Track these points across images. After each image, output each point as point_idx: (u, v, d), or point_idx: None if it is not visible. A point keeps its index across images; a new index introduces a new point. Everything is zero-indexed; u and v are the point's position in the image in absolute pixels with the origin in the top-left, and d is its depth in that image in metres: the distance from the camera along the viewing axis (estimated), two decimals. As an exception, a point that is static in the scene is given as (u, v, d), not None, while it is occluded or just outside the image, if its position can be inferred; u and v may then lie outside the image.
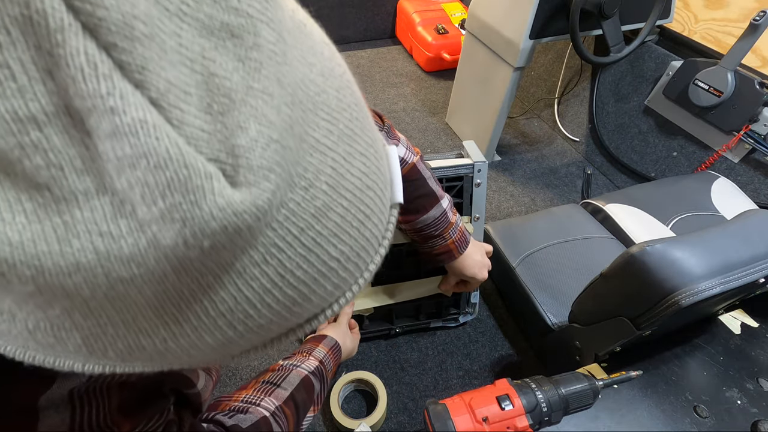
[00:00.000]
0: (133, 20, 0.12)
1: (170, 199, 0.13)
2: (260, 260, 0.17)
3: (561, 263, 1.01)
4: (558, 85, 1.78)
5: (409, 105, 1.90)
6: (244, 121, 0.15)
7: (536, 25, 1.24)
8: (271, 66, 0.16)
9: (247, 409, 0.48)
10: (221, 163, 0.14)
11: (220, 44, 0.14)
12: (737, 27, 1.27)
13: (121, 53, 0.12)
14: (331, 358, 0.70)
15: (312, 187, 0.18)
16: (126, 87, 0.12)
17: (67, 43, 0.12)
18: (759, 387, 0.68)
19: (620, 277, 0.67)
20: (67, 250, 0.14)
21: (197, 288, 0.16)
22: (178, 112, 0.13)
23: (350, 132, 0.20)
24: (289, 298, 0.19)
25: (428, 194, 0.72)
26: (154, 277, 0.15)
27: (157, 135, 0.13)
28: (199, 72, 0.14)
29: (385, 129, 0.67)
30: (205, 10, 0.14)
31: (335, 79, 0.20)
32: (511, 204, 1.52)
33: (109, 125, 0.12)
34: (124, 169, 0.13)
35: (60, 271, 0.14)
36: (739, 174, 1.27)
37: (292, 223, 0.17)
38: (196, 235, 0.14)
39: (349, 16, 2.20)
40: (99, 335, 0.17)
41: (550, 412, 0.51)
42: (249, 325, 0.19)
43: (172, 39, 0.13)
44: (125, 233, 0.14)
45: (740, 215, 0.72)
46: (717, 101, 1.21)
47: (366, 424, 0.88)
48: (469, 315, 1.12)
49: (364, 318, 1.03)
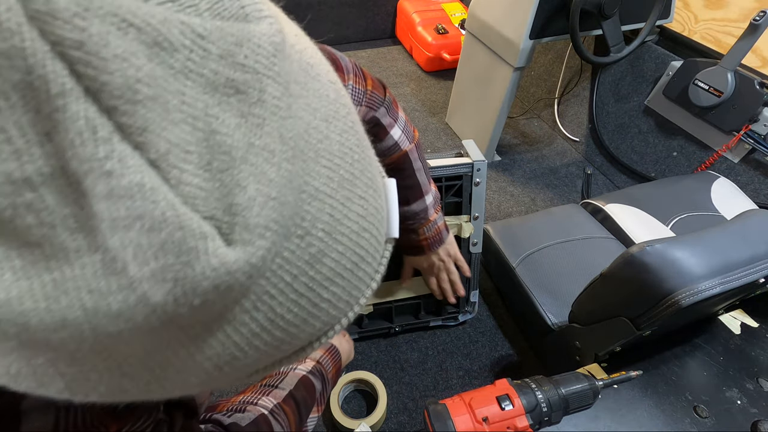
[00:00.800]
0: (137, 84, 0.12)
1: (163, 261, 0.13)
2: (251, 307, 0.17)
3: (561, 263, 1.00)
4: (558, 85, 1.78)
5: (409, 105, 1.90)
6: (244, 179, 0.15)
7: (536, 25, 1.24)
8: (274, 121, 0.15)
9: (245, 409, 0.48)
10: (217, 221, 0.14)
11: (224, 100, 0.14)
12: (737, 27, 1.27)
13: (122, 116, 0.12)
14: (329, 358, 0.70)
15: (308, 234, 0.18)
16: (125, 150, 0.12)
17: (68, 107, 0.11)
18: (759, 387, 0.68)
19: (620, 277, 0.67)
20: (54, 307, 0.14)
21: (185, 337, 0.16)
22: (177, 172, 0.13)
23: (350, 176, 0.20)
24: (277, 339, 0.19)
25: (413, 186, 0.70)
26: (142, 331, 0.15)
27: (153, 198, 0.13)
28: (201, 129, 0.14)
29: (386, 104, 0.65)
30: (211, 66, 0.14)
31: (339, 121, 0.20)
32: (511, 204, 1.52)
33: (105, 188, 0.12)
34: (118, 230, 0.13)
35: (46, 327, 0.14)
36: (739, 174, 1.27)
37: (285, 271, 0.17)
38: (187, 294, 0.14)
39: (349, 16, 2.20)
40: (82, 380, 0.17)
41: (550, 412, 0.51)
42: (235, 365, 0.19)
43: (175, 97, 0.13)
44: (115, 290, 0.14)
45: (740, 215, 0.72)
46: (717, 101, 1.21)
47: (366, 424, 0.88)
48: (469, 314, 1.12)
49: (363, 317, 1.03)
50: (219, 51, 0.14)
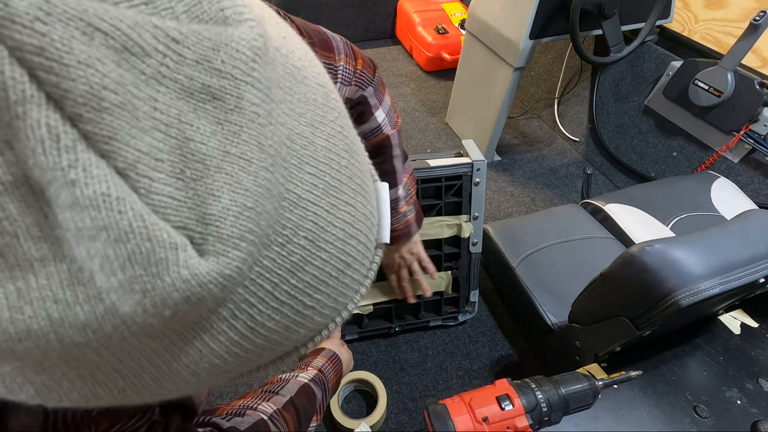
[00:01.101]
0: (102, 90, 0.12)
1: (130, 272, 0.13)
2: (229, 316, 0.17)
3: (561, 263, 1.00)
4: (558, 85, 1.78)
5: (409, 105, 1.90)
6: (218, 188, 0.14)
7: (536, 25, 1.24)
8: (252, 128, 0.15)
9: (244, 413, 0.48)
10: (190, 231, 0.14)
11: (200, 107, 0.14)
12: (737, 27, 1.27)
13: (86, 124, 0.12)
14: (330, 367, 0.70)
15: (289, 243, 0.17)
16: (90, 158, 0.12)
17: (28, 114, 0.11)
18: (759, 387, 0.68)
19: (620, 277, 0.67)
20: (18, 317, 0.13)
21: (159, 346, 0.16)
22: (147, 181, 0.13)
23: (337, 183, 0.19)
24: (258, 346, 0.18)
25: (388, 172, 0.69)
26: (112, 341, 0.15)
27: (119, 208, 0.12)
28: (173, 137, 0.13)
29: (374, 84, 0.64)
30: (186, 72, 0.13)
31: (326, 126, 0.19)
32: (511, 204, 1.52)
33: (69, 197, 0.12)
34: (84, 240, 0.13)
35: (9, 337, 0.13)
36: (739, 174, 1.27)
37: (265, 279, 0.17)
38: (156, 305, 0.14)
39: (349, 16, 2.20)
40: (53, 387, 0.16)
41: (550, 412, 0.51)
42: (214, 372, 0.18)
43: (146, 104, 0.13)
44: (81, 300, 0.13)
45: (740, 215, 0.72)
46: (717, 101, 1.21)
47: (366, 424, 0.88)
48: (469, 314, 1.12)
49: (363, 317, 1.03)
50: (194, 56, 0.14)
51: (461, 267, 1.03)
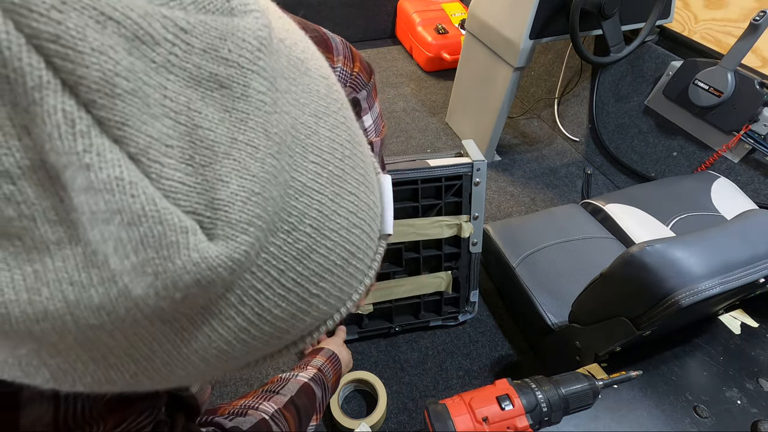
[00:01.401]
0: (115, 77, 0.12)
1: (143, 255, 0.13)
2: (237, 302, 0.17)
3: (561, 263, 1.01)
4: (558, 85, 1.78)
5: (409, 105, 1.90)
6: (226, 174, 0.15)
7: (536, 25, 1.24)
8: (259, 116, 0.15)
9: (246, 413, 0.48)
10: (199, 215, 0.14)
11: (207, 95, 0.14)
12: (737, 27, 1.27)
13: (100, 110, 0.12)
14: (330, 366, 0.70)
15: (295, 230, 0.18)
16: (104, 143, 0.12)
17: (45, 100, 0.11)
18: (759, 387, 0.68)
19: (620, 277, 0.67)
20: (36, 299, 0.14)
21: (170, 330, 0.16)
22: (158, 166, 0.13)
23: (341, 172, 0.20)
24: (266, 333, 0.19)
25: None
26: (125, 324, 0.15)
27: (132, 192, 0.13)
28: (183, 124, 0.14)
29: (368, 88, 0.64)
30: (194, 60, 0.14)
31: (329, 116, 0.20)
32: (511, 204, 1.52)
33: (84, 181, 0.12)
34: (98, 223, 0.13)
35: (27, 318, 0.14)
36: (739, 174, 1.27)
37: (272, 266, 0.17)
38: (168, 288, 0.14)
39: (349, 16, 2.20)
40: (68, 371, 0.17)
41: (550, 412, 0.51)
42: (223, 359, 0.19)
43: (157, 92, 0.13)
44: (96, 283, 0.14)
45: (740, 215, 0.72)
46: (717, 101, 1.21)
47: (366, 424, 0.88)
48: (469, 314, 1.12)
49: (363, 317, 1.03)
50: (202, 45, 0.14)
51: (461, 267, 1.03)
